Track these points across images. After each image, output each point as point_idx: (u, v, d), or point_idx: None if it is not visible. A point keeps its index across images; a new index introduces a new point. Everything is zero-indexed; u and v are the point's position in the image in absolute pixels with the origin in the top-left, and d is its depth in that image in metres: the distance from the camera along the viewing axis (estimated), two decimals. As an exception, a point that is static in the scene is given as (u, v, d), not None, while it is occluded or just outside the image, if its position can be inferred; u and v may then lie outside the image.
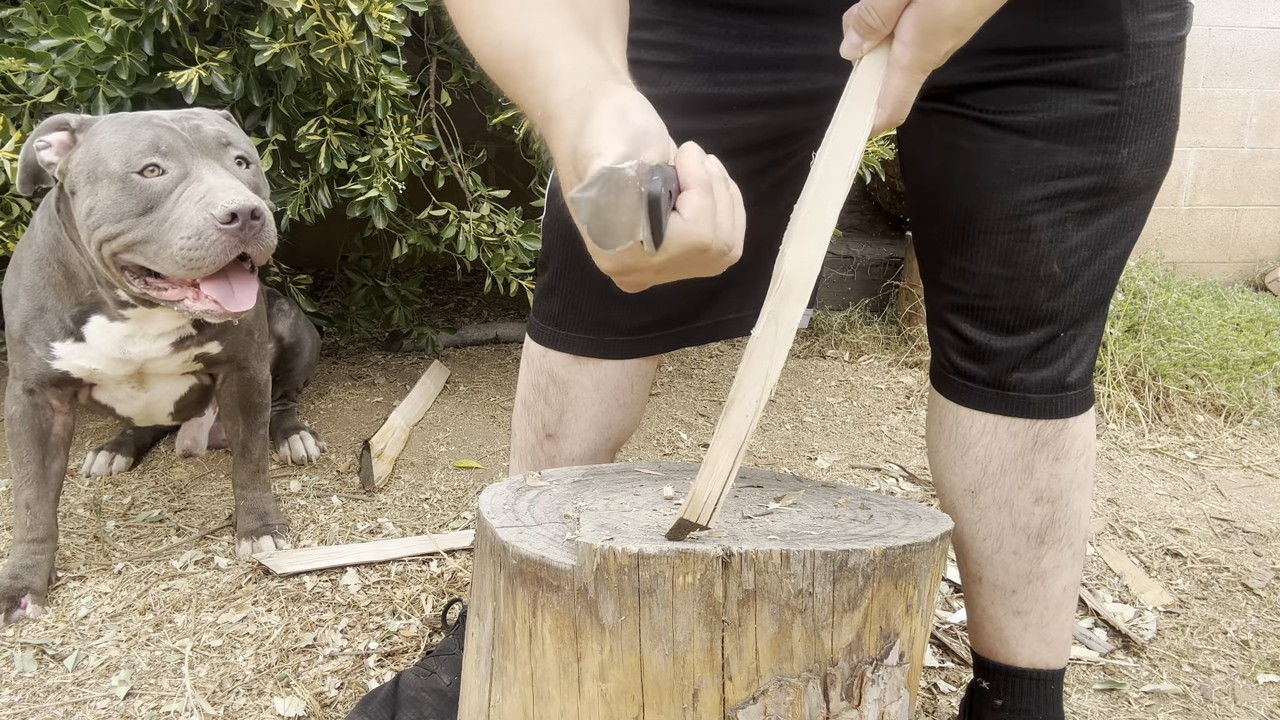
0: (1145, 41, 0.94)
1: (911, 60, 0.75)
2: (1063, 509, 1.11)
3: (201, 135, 1.37)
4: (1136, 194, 1.01)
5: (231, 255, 1.32)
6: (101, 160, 1.34)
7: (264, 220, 1.33)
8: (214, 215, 1.29)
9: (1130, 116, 0.96)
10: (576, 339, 1.16)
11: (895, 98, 0.76)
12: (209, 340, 1.58)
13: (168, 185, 1.33)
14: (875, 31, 0.76)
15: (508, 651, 0.84)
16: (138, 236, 1.33)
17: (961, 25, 0.73)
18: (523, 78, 0.78)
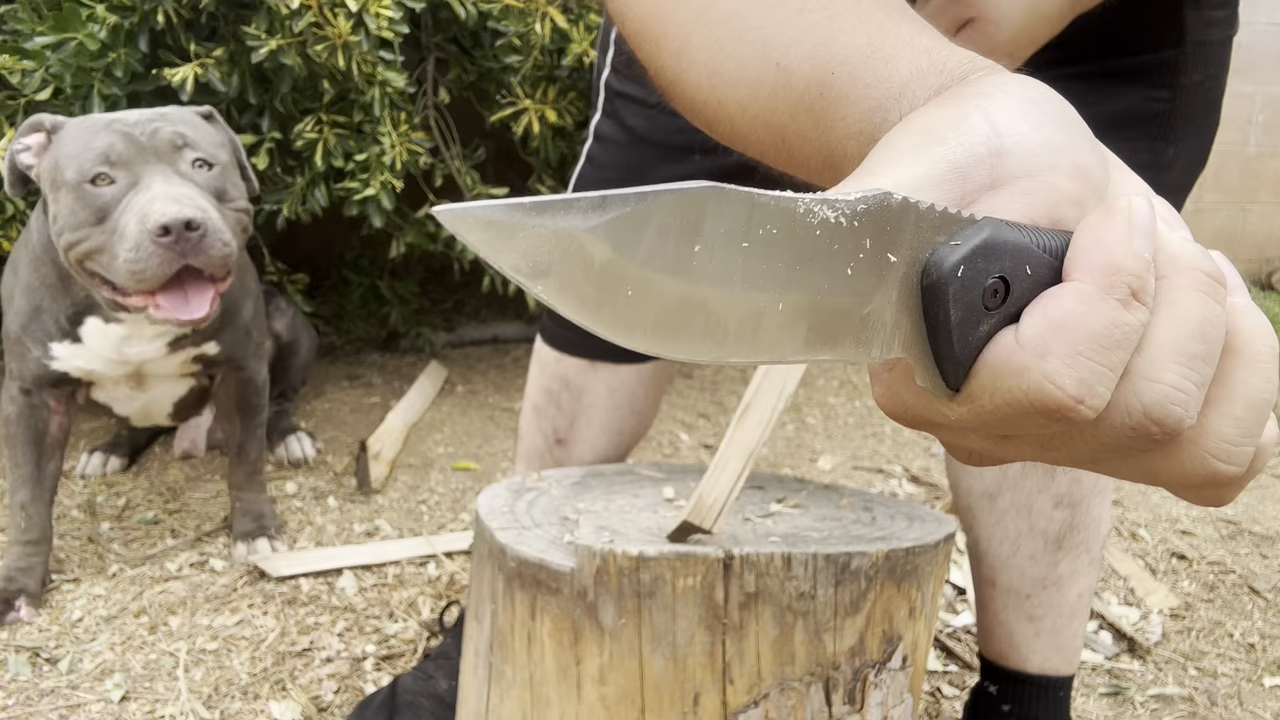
0: (1201, 39, 0.93)
1: None
2: (1082, 514, 1.09)
3: (157, 139, 1.34)
4: (1174, 194, 0.99)
5: (172, 269, 1.29)
6: (60, 168, 1.33)
7: (204, 231, 1.28)
8: (148, 230, 1.26)
9: (1180, 115, 0.94)
10: (593, 342, 1.15)
11: None
12: (206, 340, 1.56)
13: (117, 195, 1.31)
14: None
15: (506, 655, 0.82)
16: (94, 246, 1.32)
17: (1014, 52, 0.73)
18: (828, 107, 0.48)
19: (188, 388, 1.70)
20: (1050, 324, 0.34)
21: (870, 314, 0.34)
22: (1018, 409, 0.35)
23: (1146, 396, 0.35)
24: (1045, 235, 0.36)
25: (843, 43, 0.47)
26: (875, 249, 0.33)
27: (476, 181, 2.22)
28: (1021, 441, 0.38)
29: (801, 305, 0.33)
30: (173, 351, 1.53)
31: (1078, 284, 0.34)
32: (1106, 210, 0.36)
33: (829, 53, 0.47)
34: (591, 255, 0.30)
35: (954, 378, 0.36)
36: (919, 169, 0.37)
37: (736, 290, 0.32)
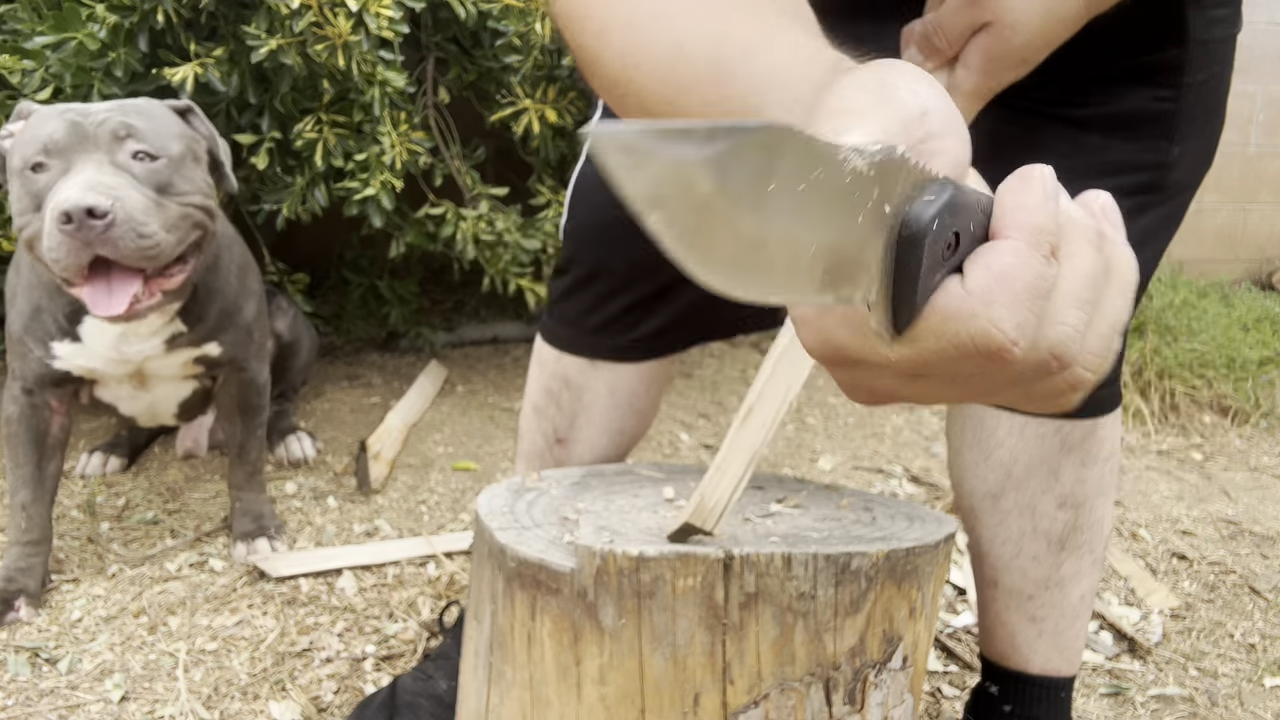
0: (1204, 38, 0.93)
1: (974, 87, 0.75)
2: (1086, 515, 1.09)
3: (100, 129, 1.32)
4: (1180, 193, 0.99)
5: (83, 258, 1.26)
6: (11, 155, 1.34)
7: (111, 220, 1.25)
8: (53, 216, 1.24)
9: (1184, 115, 0.94)
10: (594, 342, 1.15)
11: None
12: (206, 340, 1.56)
13: (49, 182, 1.30)
14: (940, 54, 0.76)
15: (506, 655, 0.82)
16: (32, 233, 1.31)
17: (1029, 57, 0.73)
18: (713, 84, 0.55)
19: (192, 389, 1.70)
20: (993, 276, 0.39)
21: (865, 259, 0.37)
22: (959, 350, 0.39)
23: (1052, 336, 0.41)
24: (975, 194, 0.41)
25: (736, 33, 0.54)
26: (879, 199, 0.36)
27: (476, 181, 2.22)
28: (932, 380, 0.42)
29: (826, 247, 0.35)
30: (171, 351, 1.53)
31: (1012, 241, 0.40)
32: (1024, 176, 0.42)
33: (723, 41, 0.54)
34: (698, 187, 0.32)
35: (903, 321, 0.39)
36: (879, 123, 0.42)
37: (791, 229, 0.34)
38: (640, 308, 1.12)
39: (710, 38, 0.56)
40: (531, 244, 2.15)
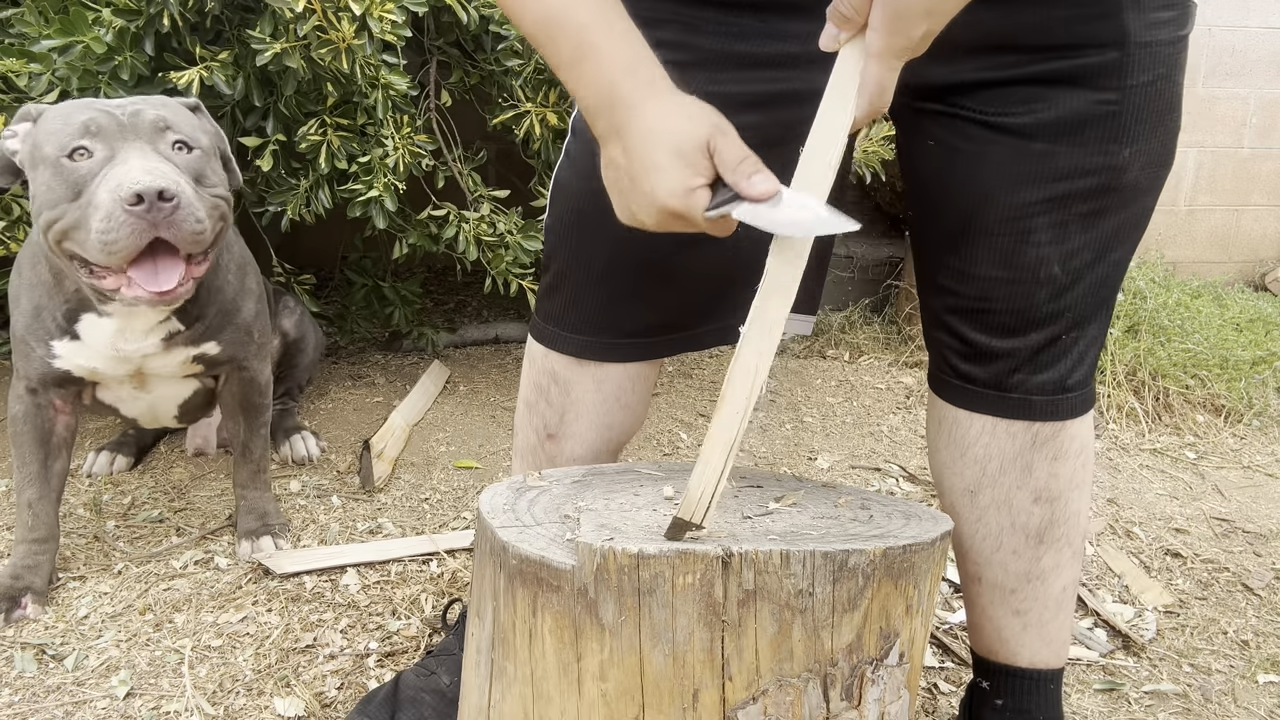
0: (1147, 40, 0.94)
1: (884, 46, 0.75)
2: (1061, 509, 1.11)
3: (138, 119, 1.35)
4: (1139, 195, 1.00)
5: (144, 239, 1.29)
6: (39, 146, 1.34)
7: (178, 202, 1.29)
8: (121, 197, 1.26)
9: (1131, 116, 0.95)
10: (577, 340, 1.16)
11: (873, 86, 0.77)
12: (204, 339, 1.57)
13: (93, 169, 1.31)
14: (850, 21, 0.77)
15: (508, 652, 0.84)
16: (70, 222, 1.32)
17: (931, 8, 0.73)
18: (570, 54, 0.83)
19: (192, 389, 1.71)
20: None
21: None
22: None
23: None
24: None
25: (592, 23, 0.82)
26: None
27: (478, 183, 2.24)
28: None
29: None
30: (169, 349, 1.54)
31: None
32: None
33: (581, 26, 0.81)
34: None
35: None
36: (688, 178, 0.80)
37: None
38: (616, 306, 1.14)
39: (552, 5, 0.82)
40: (533, 245, 2.16)
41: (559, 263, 1.16)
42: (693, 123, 0.79)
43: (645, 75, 0.81)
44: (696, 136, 0.79)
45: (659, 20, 1.01)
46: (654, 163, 0.78)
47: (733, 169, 0.78)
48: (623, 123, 0.81)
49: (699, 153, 0.78)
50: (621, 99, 0.80)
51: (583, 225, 1.12)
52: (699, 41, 1.00)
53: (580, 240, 1.12)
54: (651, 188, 0.79)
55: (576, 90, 0.83)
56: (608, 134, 0.83)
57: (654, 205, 0.80)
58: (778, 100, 1.01)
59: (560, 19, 0.81)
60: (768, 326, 0.80)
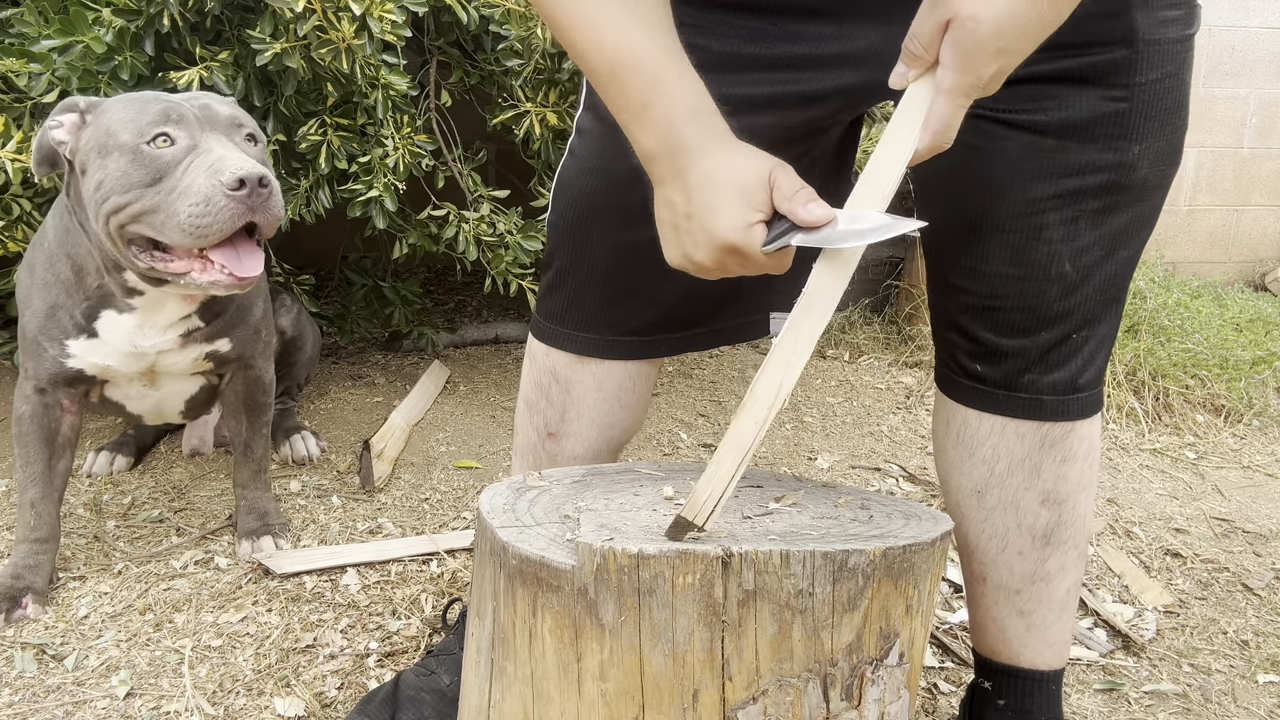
0: (1155, 38, 0.94)
1: (953, 84, 0.76)
2: (1069, 511, 1.11)
3: (211, 112, 1.40)
4: (1148, 192, 1.01)
5: (239, 223, 1.33)
6: (112, 133, 1.36)
7: (271, 189, 1.34)
8: (223, 182, 1.30)
9: (1140, 114, 0.96)
10: (579, 338, 1.16)
11: (938, 122, 0.78)
12: (218, 337, 1.58)
13: (177, 155, 1.34)
14: (919, 59, 0.78)
15: (508, 651, 0.84)
16: (146, 206, 1.34)
17: (1003, 47, 0.74)
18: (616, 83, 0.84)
19: (199, 386, 1.71)
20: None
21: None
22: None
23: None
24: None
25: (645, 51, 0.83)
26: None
27: (478, 183, 2.24)
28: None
29: None
30: (185, 344, 1.55)
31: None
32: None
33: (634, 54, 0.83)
34: None
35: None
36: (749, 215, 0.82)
37: None
38: (617, 304, 1.14)
39: (623, 42, 0.83)
40: (533, 245, 2.16)
41: (561, 261, 1.16)
42: (754, 161, 0.82)
43: (709, 122, 0.83)
44: (759, 172, 0.81)
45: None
46: (715, 203, 0.81)
47: (789, 197, 0.80)
48: (685, 165, 0.82)
49: (760, 188, 0.80)
50: (685, 144, 0.82)
51: (585, 223, 1.12)
52: (709, 44, 1.00)
53: (582, 238, 1.12)
54: (712, 224, 0.81)
55: (638, 134, 0.85)
56: (667, 176, 0.84)
57: (713, 242, 0.81)
58: (787, 102, 1.02)
59: (631, 64, 0.83)
60: (801, 340, 0.81)
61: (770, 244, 0.80)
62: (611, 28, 0.83)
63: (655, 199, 0.87)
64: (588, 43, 0.84)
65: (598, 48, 0.83)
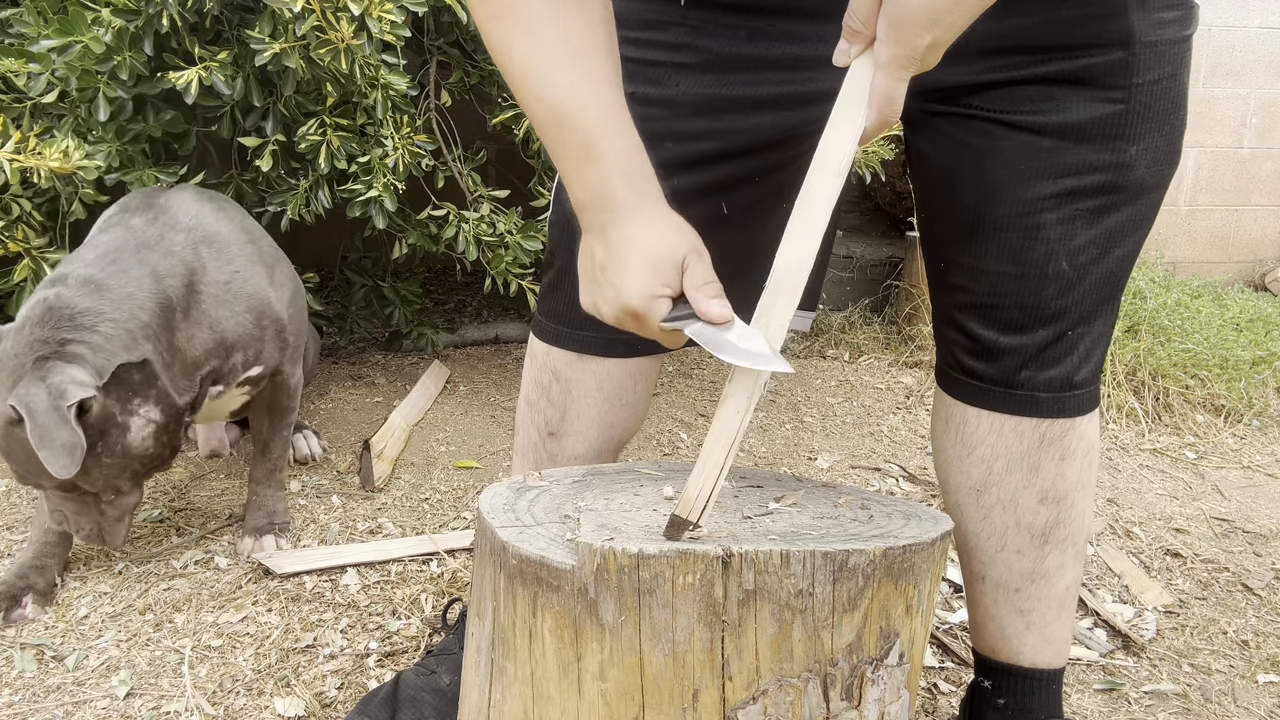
0: (1152, 40, 0.95)
1: (889, 57, 0.75)
2: (1067, 509, 1.11)
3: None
4: (1145, 192, 1.01)
5: None
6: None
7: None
8: None
9: (1138, 115, 0.96)
10: (579, 336, 1.16)
11: (881, 97, 0.77)
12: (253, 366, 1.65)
13: None
14: (859, 34, 0.77)
15: (508, 651, 0.84)
16: None
17: (936, 17, 0.73)
18: (557, 130, 0.85)
19: (242, 402, 1.75)
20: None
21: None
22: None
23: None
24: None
25: (586, 110, 0.84)
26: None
27: (478, 183, 2.24)
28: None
29: None
30: (228, 389, 1.64)
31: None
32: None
33: (575, 109, 0.83)
34: None
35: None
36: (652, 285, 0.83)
37: None
38: None
39: (566, 93, 0.83)
40: (533, 245, 2.16)
41: (561, 259, 1.16)
42: (674, 237, 0.83)
43: (640, 184, 0.85)
44: (675, 251, 0.82)
45: (666, 23, 1.02)
46: (629, 265, 0.82)
47: (697, 288, 0.82)
48: (608, 223, 0.84)
49: (672, 266, 0.82)
50: (614, 201, 0.84)
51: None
52: (706, 44, 1.01)
53: (579, 236, 1.13)
54: (620, 286, 0.83)
55: (572, 184, 0.87)
56: (593, 227, 0.86)
57: (618, 301, 0.83)
58: (785, 102, 1.02)
59: (571, 117, 0.84)
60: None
61: (669, 323, 0.82)
62: (555, 78, 0.84)
63: (580, 244, 0.89)
64: (531, 90, 0.85)
65: (540, 97, 0.84)
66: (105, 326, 1.40)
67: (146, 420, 1.45)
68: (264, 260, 1.63)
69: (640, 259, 0.82)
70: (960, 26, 0.75)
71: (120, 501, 1.51)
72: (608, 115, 0.84)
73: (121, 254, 1.47)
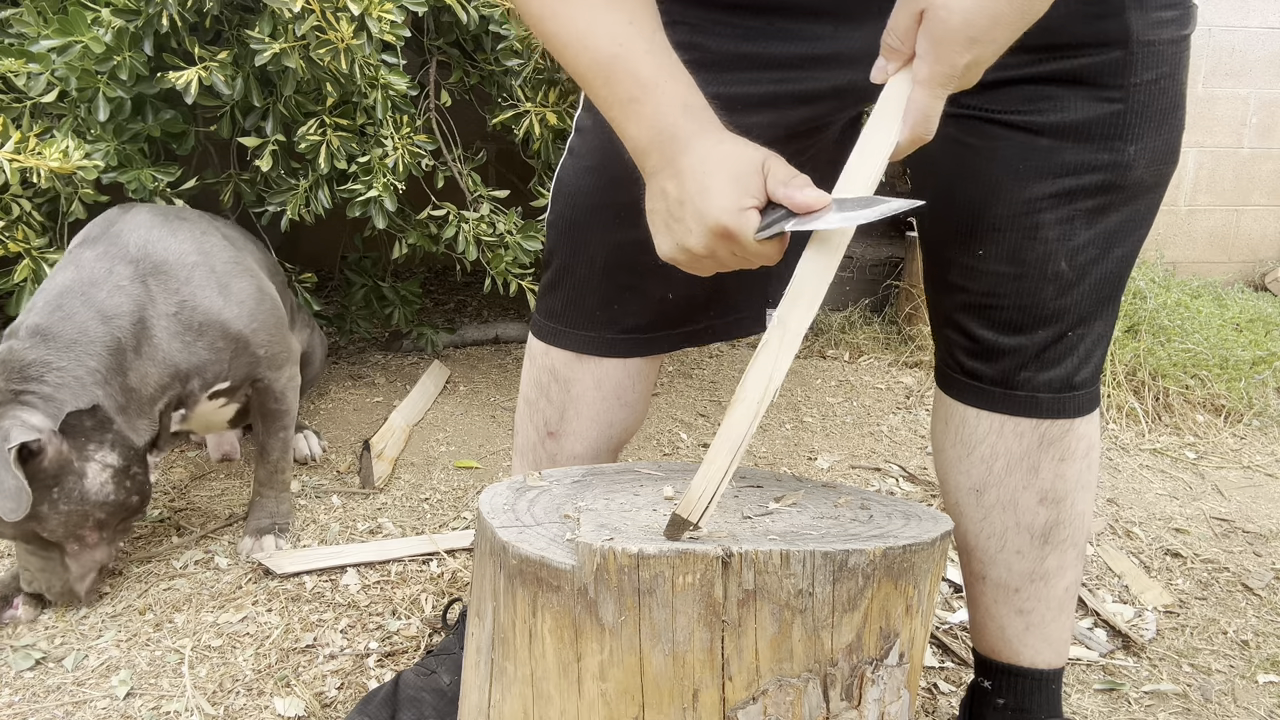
0: (1150, 39, 0.95)
1: (928, 74, 0.76)
2: (1067, 510, 1.11)
3: None
4: (1144, 192, 1.01)
5: None
6: None
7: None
8: None
9: (1136, 114, 0.96)
10: (578, 336, 1.17)
11: (916, 114, 0.78)
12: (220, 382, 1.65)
13: None
14: (897, 52, 0.78)
15: (508, 651, 0.84)
16: None
17: (975, 36, 0.73)
18: (604, 80, 0.85)
19: (235, 410, 1.75)
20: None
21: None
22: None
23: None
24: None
25: (633, 47, 0.84)
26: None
27: (478, 183, 2.24)
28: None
29: None
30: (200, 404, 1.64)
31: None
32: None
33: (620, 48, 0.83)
34: None
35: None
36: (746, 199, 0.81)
37: None
38: (616, 302, 1.14)
39: (609, 40, 0.83)
40: (532, 245, 2.16)
41: (560, 259, 1.16)
42: (747, 148, 0.81)
43: (699, 113, 0.84)
44: (753, 159, 0.80)
45: (665, 21, 1.02)
46: (708, 185, 0.80)
47: (784, 183, 0.79)
48: (677, 154, 0.82)
49: (754, 174, 0.80)
50: (677, 133, 0.82)
51: (583, 222, 1.12)
52: (706, 42, 1.01)
53: (581, 237, 1.13)
54: (705, 207, 0.80)
55: (627, 127, 0.85)
56: (659, 167, 0.84)
57: (705, 226, 0.80)
58: (784, 101, 1.02)
59: (619, 62, 0.83)
60: (788, 333, 0.80)
61: (764, 231, 0.79)
62: (598, 26, 0.83)
63: (647, 193, 0.87)
64: (574, 41, 0.84)
65: (584, 46, 0.84)
66: (52, 376, 1.40)
67: (103, 465, 1.45)
68: (217, 279, 1.60)
69: (721, 176, 0.80)
70: (1001, 45, 0.75)
71: (85, 556, 1.49)
72: (655, 55, 0.84)
73: (66, 297, 1.46)
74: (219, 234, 1.67)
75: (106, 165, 1.83)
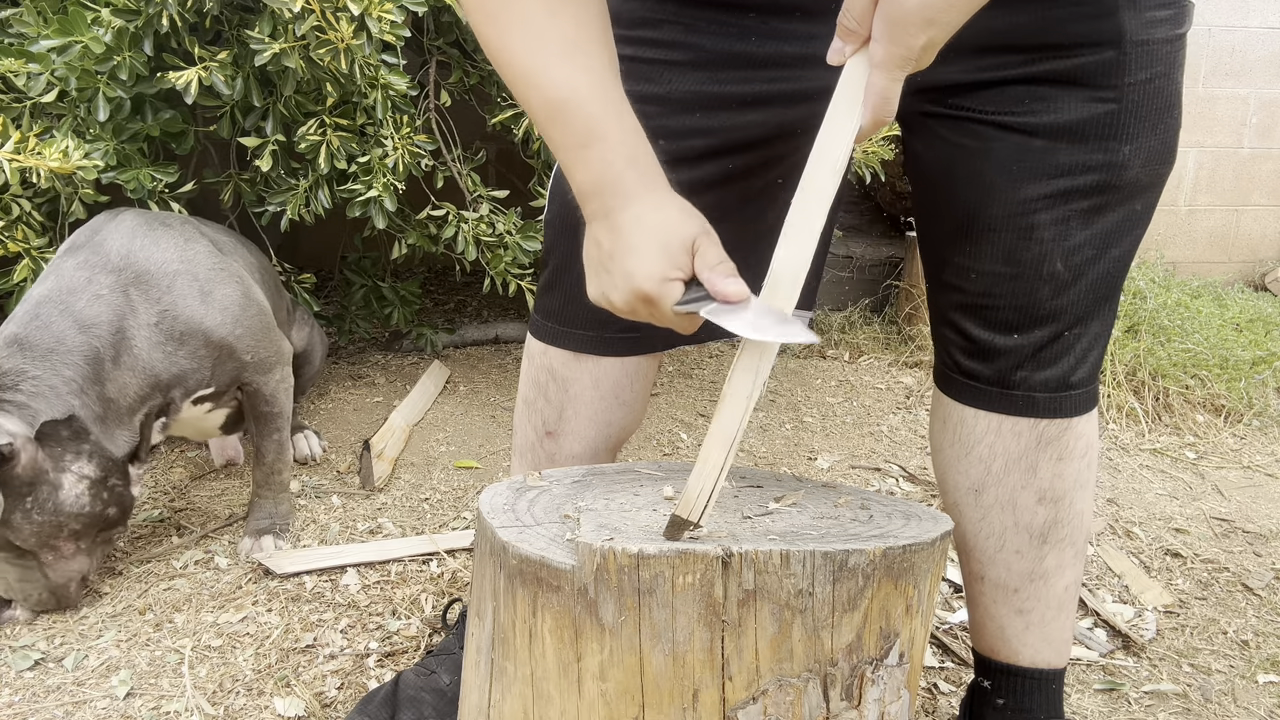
0: (1143, 39, 0.95)
1: (884, 56, 0.75)
2: (1066, 509, 1.11)
3: None
4: (1140, 192, 1.01)
5: None
6: None
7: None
8: None
9: (1130, 114, 0.96)
10: (575, 335, 1.17)
11: (876, 96, 0.77)
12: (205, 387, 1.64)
13: None
14: (854, 34, 0.77)
15: (508, 651, 0.84)
16: None
17: (931, 17, 0.73)
18: (551, 121, 0.85)
19: (225, 415, 1.75)
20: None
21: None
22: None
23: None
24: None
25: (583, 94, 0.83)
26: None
27: (478, 183, 2.24)
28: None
29: None
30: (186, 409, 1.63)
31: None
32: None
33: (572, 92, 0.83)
34: None
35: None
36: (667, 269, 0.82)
37: None
38: None
39: (563, 82, 0.83)
40: (532, 245, 2.16)
41: (557, 258, 1.16)
42: (683, 218, 0.82)
43: (645, 169, 0.84)
44: (684, 233, 0.81)
45: (659, 20, 1.02)
46: (638, 248, 0.81)
47: (711, 268, 0.80)
48: (616, 208, 0.83)
49: (683, 249, 0.81)
50: (620, 185, 0.83)
51: (580, 221, 1.12)
52: (699, 41, 1.01)
53: (579, 235, 1.13)
54: (631, 270, 0.81)
55: (574, 171, 0.85)
56: (597, 215, 0.85)
57: (629, 287, 0.82)
58: (777, 99, 1.02)
59: (572, 106, 0.83)
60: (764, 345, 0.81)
61: (682, 305, 0.80)
62: (553, 68, 0.83)
63: (585, 236, 0.88)
64: (529, 81, 0.84)
65: (538, 87, 0.84)
66: (27, 385, 1.40)
67: (79, 476, 1.44)
68: (200, 287, 1.58)
69: (650, 242, 0.81)
70: (955, 25, 0.75)
71: (63, 566, 1.49)
72: (608, 103, 0.83)
73: (44, 306, 1.46)
74: (205, 241, 1.66)
75: (106, 165, 1.83)
